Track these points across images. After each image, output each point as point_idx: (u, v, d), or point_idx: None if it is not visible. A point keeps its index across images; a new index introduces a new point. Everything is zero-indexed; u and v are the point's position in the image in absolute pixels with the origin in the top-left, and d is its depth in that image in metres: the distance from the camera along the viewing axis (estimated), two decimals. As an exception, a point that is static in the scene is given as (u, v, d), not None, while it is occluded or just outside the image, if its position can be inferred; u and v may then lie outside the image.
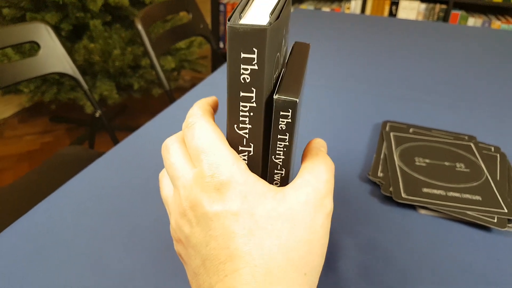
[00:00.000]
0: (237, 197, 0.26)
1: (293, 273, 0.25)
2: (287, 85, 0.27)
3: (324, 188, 0.27)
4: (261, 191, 0.26)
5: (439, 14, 2.55)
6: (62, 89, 1.96)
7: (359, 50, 1.07)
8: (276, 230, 0.26)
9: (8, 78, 0.91)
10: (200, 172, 0.27)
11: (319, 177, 0.28)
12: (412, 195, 0.48)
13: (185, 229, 0.28)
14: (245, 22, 0.24)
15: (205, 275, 0.26)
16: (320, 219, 0.27)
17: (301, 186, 0.27)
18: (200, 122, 0.28)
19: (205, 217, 0.26)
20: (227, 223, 0.26)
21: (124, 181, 0.52)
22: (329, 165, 0.29)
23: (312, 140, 0.32)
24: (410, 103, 0.76)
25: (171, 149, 0.30)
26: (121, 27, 1.96)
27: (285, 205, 0.26)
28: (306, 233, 0.26)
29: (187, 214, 0.27)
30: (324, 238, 0.27)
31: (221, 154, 0.27)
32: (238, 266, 0.25)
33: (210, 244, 0.26)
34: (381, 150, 0.58)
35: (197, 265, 0.27)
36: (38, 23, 0.96)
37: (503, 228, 0.44)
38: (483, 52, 1.10)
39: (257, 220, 0.26)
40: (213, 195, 0.26)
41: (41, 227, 0.44)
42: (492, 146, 0.60)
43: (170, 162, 0.30)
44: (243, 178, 0.26)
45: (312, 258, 0.26)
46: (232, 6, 2.83)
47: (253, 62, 0.24)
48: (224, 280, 0.25)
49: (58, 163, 1.02)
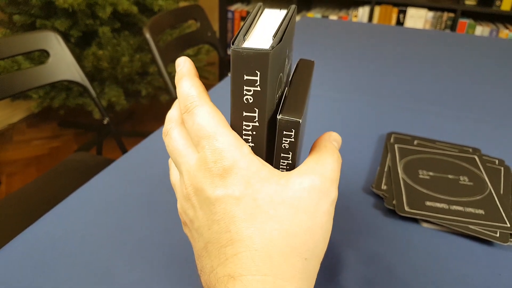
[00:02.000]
0: (240, 182, 0.26)
1: (294, 258, 0.25)
2: (291, 105, 0.28)
3: (330, 176, 0.27)
4: (265, 176, 0.26)
5: (446, 23, 2.55)
6: (71, 95, 1.99)
7: (365, 59, 1.07)
8: (278, 215, 0.26)
9: (18, 86, 0.93)
10: (203, 158, 0.27)
11: (325, 166, 0.28)
12: (415, 209, 0.49)
13: (190, 213, 0.28)
14: (248, 45, 0.24)
15: (207, 257, 0.27)
16: (324, 206, 0.27)
17: (306, 172, 0.27)
18: (199, 107, 0.28)
19: (208, 202, 0.27)
20: (229, 207, 0.26)
21: (132, 191, 0.53)
22: (336, 157, 0.29)
23: (326, 133, 0.32)
24: (416, 114, 0.76)
25: (173, 135, 0.30)
26: (129, 34, 1.98)
27: (289, 190, 0.26)
28: (308, 219, 0.26)
29: (191, 198, 0.28)
30: (327, 225, 0.27)
31: (223, 139, 0.26)
32: (239, 250, 0.25)
33: (212, 228, 0.27)
34: (385, 162, 0.58)
35: (200, 248, 0.28)
36: (47, 32, 0.97)
37: (505, 242, 0.44)
38: (490, 62, 1.09)
39: (259, 205, 0.26)
40: (216, 180, 0.26)
41: (48, 237, 0.45)
42: (497, 159, 0.60)
43: (172, 147, 0.30)
44: (246, 163, 0.26)
45: (314, 244, 0.26)
46: (240, 14, 2.85)
47: (256, 84, 0.25)
48: (224, 263, 0.25)
49: (66, 170, 1.03)
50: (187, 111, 0.28)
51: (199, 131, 0.27)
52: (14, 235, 0.45)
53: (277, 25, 0.27)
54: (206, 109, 0.28)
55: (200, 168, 0.27)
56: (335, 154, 0.29)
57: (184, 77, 0.29)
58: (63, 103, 1.98)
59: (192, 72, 0.30)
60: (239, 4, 3.00)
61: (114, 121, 2.26)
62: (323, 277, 0.41)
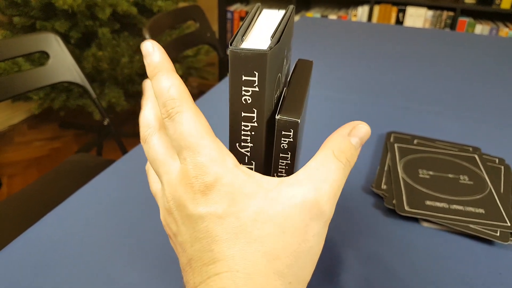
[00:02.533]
0: (223, 199, 0.24)
1: (276, 281, 0.24)
2: (289, 105, 0.28)
3: (327, 191, 0.25)
4: (250, 192, 0.25)
5: (446, 21, 2.55)
6: (71, 96, 1.99)
7: (365, 58, 1.07)
8: (263, 235, 0.24)
9: (19, 87, 0.93)
10: (184, 172, 0.25)
11: (326, 175, 0.25)
12: (415, 208, 0.49)
13: (172, 227, 0.27)
14: (247, 46, 0.24)
15: (191, 273, 0.26)
16: (314, 228, 0.24)
17: (299, 185, 0.25)
18: (181, 113, 0.26)
19: (190, 219, 0.25)
20: (211, 226, 0.25)
21: (132, 192, 0.53)
22: (343, 163, 0.26)
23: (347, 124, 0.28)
24: (416, 113, 0.76)
25: (151, 142, 0.28)
26: (129, 35, 1.98)
27: (277, 207, 0.24)
28: (295, 242, 0.24)
29: (172, 212, 0.26)
30: (315, 248, 0.25)
31: (206, 152, 0.25)
32: (220, 270, 0.24)
33: (194, 245, 0.25)
34: (385, 161, 0.58)
35: (184, 263, 0.27)
36: (47, 33, 0.97)
37: (505, 242, 0.44)
38: (490, 61, 1.09)
39: (243, 224, 0.24)
40: (198, 197, 0.25)
41: (49, 239, 0.45)
42: (497, 158, 0.60)
43: (152, 157, 0.28)
44: (230, 178, 0.25)
45: (299, 267, 0.25)
46: (239, 14, 2.85)
47: (254, 85, 0.25)
48: (206, 282, 0.24)
49: (67, 171, 1.03)
50: (168, 117, 0.26)
51: (181, 140, 0.25)
52: (14, 236, 0.45)
53: (275, 26, 0.27)
54: (188, 115, 0.25)
55: (181, 182, 0.25)
56: (343, 158, 0.26)
57: (159, 73, 0.27)
58: (63, 104, 1.98)
59: (166, 64, 0.27)
60: (238, 4, 3.00)
61: (114, 122, 2.26)
62: (322, 277, 0.41)
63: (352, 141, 0.27)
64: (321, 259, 0.43)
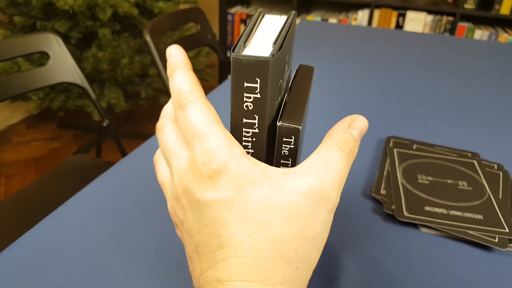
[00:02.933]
0: (231, 185, 0.25)
1: (283, 266, 0.24)
2: (290, 111, 0.28)
3: (332, 179, 0.25)
4: (258, 179, 0.25)
5: (445, 26, 2.56)
6: (70, 97, 1.99)
7: (364, 63, 1.08)
8: (269, 221, 0.24)
9: (18, 87, 0.93)
10: (193, 158, 0.26)
11: (330, 165, 0.26)
12: (414, 214, 0.49)
13: (179, 214, 0.28)
14: (249, 52, 0.24)
15: (198, 260, 0.26)
16: (320, 214, 0.25)
17: (305, 173, 0.25)
18: (192, 103, 0.27)
19: (198, 205, 0.26)
20: (219, 212, 0.25)
21: (132, 194, 0.53)
22: (346, 154, 0.26)
23: (347, 117, 0.29)
24: (415, 118, 0.77)
25: (165, 131, 0.29)
26: (129, 36, 1.98)
27: (283, 194, 0.25)
28: (301, 228, 0.24)
29: (180, 199, 0.27)
30: (322, 234, 0.25)
31: (214, 140, 0.25)
32: (228, 255, 0.24)
33: (202, 231, 0.26)
34: (384, 166, 0.58)
35: (191, 250, 0.27)
36: (48, 34, 0.97)
37: (504, 248, 0.44)
38: (490, 66, 1.10)
39: (250, 210, 0.25)
40: (206, 183, 0.25)
41: (48, 241, 0.45)
42: (495, 164, 0.61)
43: (164, 145, 0.29)
44: (237, 165, 0.25)
45: (306, 254, 0.25)
46: (239, 16, 2.85)
47: (256, 91, 0.25)
48: (214, 268, 0.25)
49: (65, 172, 1.03)
50: (179, 107, 0.27)
51: (190, 129, 0.26)
52: (12, 237, 0.45)
53: (277, 32, 0.28)
54: (199, 106, 0.27)
55: (190, 168, 0.26)
56: (346, 148, 0.26)
57: (177, 70, 0.28)
58: (62, 104, 1.98)
59: (185, 63, 0.29)
60: (239, 6, 3.00)
61: (114, 123, 2.26)
62: (321, 282, 0.41)
63: (353, 133, 0.27)
64: (320, 263, 0.43)
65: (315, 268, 0.42)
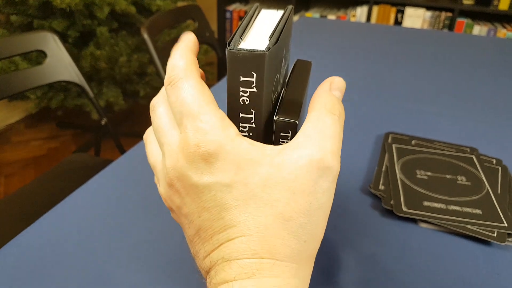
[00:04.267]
0: (229, 167, 0.24)
1: (291, 241, 0.24)
2: (288, 106, 0.28)
3: (330, 146, 0.25)
4: (256, 158, 0.24)
5: (444, 22, 2.56)
6: (69, 96, 1.98)
7: (363, 59, 1.07)
8: (273, 199, 0.24)
9: (16, 86, 0.92)
10: (185, 140, 0.24)
11: (324, 132, 0.25)
12: (413, 209, 0.49)
13: (175, 199, 0.26)
14: (245, 46, 0.24)
15: (200, 243, 0.26)
16: (323, 184, 0.24)
17: (302, 147, 0.24)
18: (184, 80, 0.25)
19: (195, 189, 0.25)
20: (219, 195, 0.24)
21: (130, 192, 0.53)
22: (337, 117, 0.26)
23: (325, 80, 0.28)
24: (414, 113, 0.76)
25: (158, 111, 0.28)
26: (127, 34, 1.98)
27: (284, 171, 0.24)
28: (306, 201, 0.24)
29: (174, 184, 0.26)
30: (326, 204, 0.25)
31: (208, 120, 0.24)
32: (233, 236, 0.24)
33: (202, 215, 0.25)
34: (383, 162, 0.58)
35: (192, 234, 0.26)
36: (45, 32, 0.97)
37: (502, 242, 0.44)
38: (488, 62, 1.10)
39: (252, 189, 0.24)
40: (201, 166, 0.24)
41: (46, 239, 0.45)
42: (494, 159, 0.60)
43: (156, 125, 0.27)
44: (233, 146, 0.24)
45: (313, 226, 0.25)
46: (238, 13, 2.85)
47: (252, 85, 0.25)
48: (219, 248, 0.24)
49: (64, 171, 1.03)
50: (170, 84, 0.25)
51: (182, 108, 0.25)
52: (11, 236, 0.45)
53: (273, 26, 0.27)
54: (191, 83, 0.25)
55: (183, 151, 0.24)
56: (336, 111, 0.26)
57: (178, 49, 0.27)
58: (61, 103, 1.98)
59: (189, 45, 0.27)
60: (237, 4, 3.00)
61: (112, 122, 2.26)
62: (320, 278, 0.41)
63: (336, 95, 0.27)
64: (319, 260, 0.43)
65: (314, 264, 0.42)
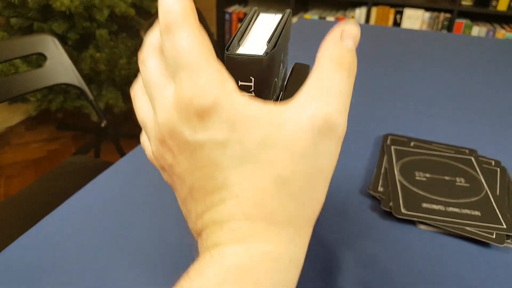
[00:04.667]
0: (223, 124, 0.22)
1: (289, 204, 0.22)
2: None
3: (336, 103, 0.22)
4: (254, 116, 0.22)
5: (443, 23, 2.56)
6: (69, 98, 1.99)
7: (362, 60, 1.08)
8: (271, 160, 0.22)
9: (16, 89, 0.93)
10: (179, 94, 0.23)
11: (330, 87, 0.23)
12: (412, 211, 0.49)
13: (167, 157, 0.25)
14: (243, 51, 0.25)
15: (193, 203, 0.24)
16: (326, 146, 0.23)
17: (305, 104, 0.22)
18: (181, 26, 0.22)
19: (188, 146, 0.23)
20: (213, 153, 0.22)
21: (130, 194, 0.53)
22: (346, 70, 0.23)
23: (334, 28, 0.25)
24: (412, 115, 0.77)
25: (149, 63, 0.26)
26: (127, 37, 1.98)
27: (284, 131, 0.22)
28: (307, 164, 0.22)
29: (166, 141, 0.24)
30: (328, 168, 0.23)
31: (205, 72, 0.22)
32: (226, 197, 0.23)
33: (195, 174, 0.23)
34: (381, 164, 0.59)
35: (184, 194, 0.25)
36: (45, 35, 0.97)
37: (501, 244, 0.45)
38: (487, 63, 1.10)
39: (248, 149, 0.22)
40: (195, 122, 0.22)
41: (47, 241, 0.45)
42: (493, 160, 0.61)
43: (147, 78, 0.25)
44: (230, 101, 0.22)
45: (313, 189, 0.23)
46: (237, 15, 2.85)
47: (250, 90, 0.25)
48: (211, 210, 0.23)
49: (64, 172, 1.03)
50: (167, 31, 0.23)
51: (178, 58, 0.22)
52: (12, 238, 0.45)
53: (271, 30, 0.28)
54: (190, 31, 0.22)
55: (176, 106, 0.23)
56: (345, 64, 0.23)
57: None
58: (61, 106, 1.98)
59: None
60: (237, 5, 3.00)
61: (112, 124, 2.26)
62: (319, 279, 0.41)
63: (348, 45, 0.24)
64: (317, 261, 0.43)
65: (314, 266, 0.42)
